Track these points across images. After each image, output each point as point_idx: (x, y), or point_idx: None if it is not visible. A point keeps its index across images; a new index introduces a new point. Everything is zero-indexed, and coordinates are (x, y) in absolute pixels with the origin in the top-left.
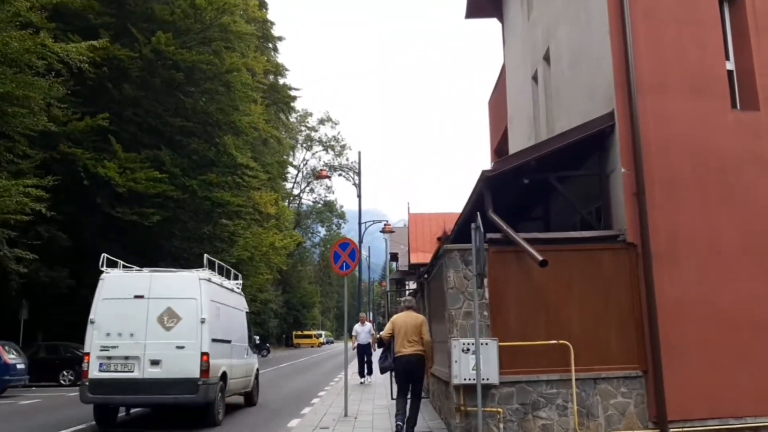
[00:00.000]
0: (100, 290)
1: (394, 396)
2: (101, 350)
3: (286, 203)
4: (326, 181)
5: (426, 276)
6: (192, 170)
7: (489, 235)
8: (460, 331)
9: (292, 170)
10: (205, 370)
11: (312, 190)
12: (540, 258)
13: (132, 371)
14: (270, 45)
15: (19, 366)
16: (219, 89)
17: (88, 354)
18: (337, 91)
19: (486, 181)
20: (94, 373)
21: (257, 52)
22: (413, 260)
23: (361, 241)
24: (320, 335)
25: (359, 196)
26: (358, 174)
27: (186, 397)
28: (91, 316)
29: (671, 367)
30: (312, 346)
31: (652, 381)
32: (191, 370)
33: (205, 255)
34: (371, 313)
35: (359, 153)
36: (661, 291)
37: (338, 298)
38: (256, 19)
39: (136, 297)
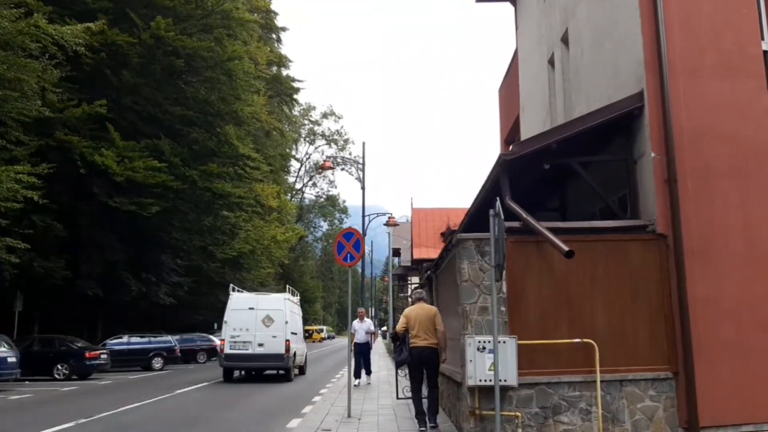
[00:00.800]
0: (230, 304)
1: (400, 395)
2: (231, 338)
3: (289, 197)
4: (329, 175)
5: (435, 268)
6: (192, 160)
7: (507, 224)
8: (475, 328)
9: (294, 164)
10: (287, 349)
11: (314, 185)
12: (566, 248)
13: (248, 349)
14: (273, 36)
15: (9, 359)
16: (220, 78)
17: (223, 340)
18: (340, 81)
19: (503, 165)
20: (227, 350)
21: (260, 42)
22: (416, 255)
23: (364, 234)
24: (322, 330)
25: (363, 188)
26: (362, 165)
27: (277, 364)
28: (225, 319)
29: (704, 369)
30: (313, 341)
31: (683, 383)
32: (280, 349)
33: (288, 286)
34: (373, 309)
35: (363, 143)
36: (693, 286)
37: (340, 293)
38: (259, 8)
39: (250, 308)
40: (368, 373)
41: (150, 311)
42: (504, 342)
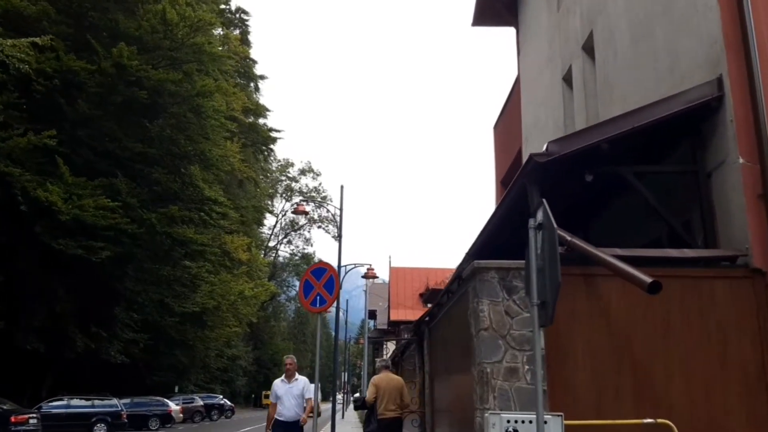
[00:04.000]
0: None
1: None
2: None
3: (262, 254)
4: (305, 233)
5: (429, 320)
6: (152, 202)
7: None
8: (500, 399)
9: (269, 220)
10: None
11: (289, 242)
12: (648, 279)
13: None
14: (251, 85)
15: None
16: (188, 114)
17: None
18: (319, 130)
19: (534, 171)
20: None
21: (237, 89)
22: (393, 317)
23: (340, 286)
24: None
25: (340, 235)
26: (341, 209)
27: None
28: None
29: None
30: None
31: None
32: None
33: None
34: (346, 374)
35: (341, 187)
36: None
37: (312, 357)
38: (237, 53)
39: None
40: None
41: (104, 371)
42: (545, 422)
